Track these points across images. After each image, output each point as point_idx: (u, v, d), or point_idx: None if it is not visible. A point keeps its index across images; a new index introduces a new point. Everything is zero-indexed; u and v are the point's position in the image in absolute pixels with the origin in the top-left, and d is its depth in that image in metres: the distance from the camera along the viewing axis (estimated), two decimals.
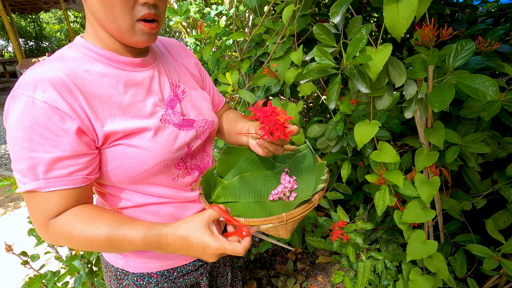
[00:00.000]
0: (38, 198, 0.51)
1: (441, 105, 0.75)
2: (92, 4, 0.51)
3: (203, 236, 0.51)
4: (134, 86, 0.59)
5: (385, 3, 0.66)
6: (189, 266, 0.75)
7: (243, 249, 0.52)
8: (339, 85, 0.82)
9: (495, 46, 0.96)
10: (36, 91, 0.47)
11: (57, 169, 0.50)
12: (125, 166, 0.57)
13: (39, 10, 8.11)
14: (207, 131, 0.72)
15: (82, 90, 0.51)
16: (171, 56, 0.73)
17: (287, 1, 1.21)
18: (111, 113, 0.54)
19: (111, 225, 0.52)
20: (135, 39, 0.54)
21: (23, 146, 0.48)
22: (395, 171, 0.96)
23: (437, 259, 1.05)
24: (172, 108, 0.64)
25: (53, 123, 0.48)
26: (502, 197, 1.25)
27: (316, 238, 1.47)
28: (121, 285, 0.71)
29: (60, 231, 0.52)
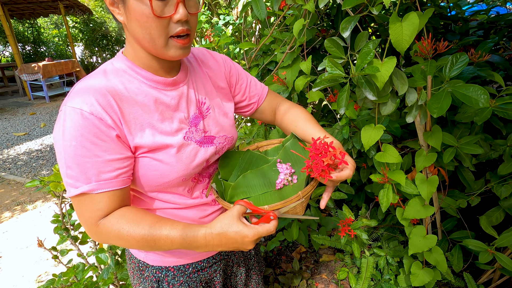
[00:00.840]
0: (90, 200, 0.56)
1: (439, 111, 0.85)
2: (132, 27, 0.56)
3: (238, 228, 0.56)
4: (164, 105, 0.64)
5: (391, 22, 0.75)
6: (203, 263, 0.79)
7: (274, 227, 0.58)
8: (348, 92, 0.91)
9: (486, 57, 1.06)
10: (84, 105, 0.53)
11: (107, 172, 0.56)
12: (147, 176, 0.63)
13: (38, 15, 8.14)
14: (226, 147, 0.76)
15: (119, 106, 0.57)
16: (201, 69, 0.75)
17: (296, 14, 1.30)
18: (141, 129, 0.60)
19: (155, 225, 0.57)
20: (170, 54, 0.58)
21: (76, 153, 0.53)
22: (397, 171, 1.05)
23: (436, 252, 1.14)
24: (195, 125, 0.68)
25: (100, 131, 0.54)
26: (494, 195, 1.35)
27: (321, 236, 1.55)
28: (142, 276, 0.77)
29: (109, 230, 0.57)
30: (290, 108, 0.84)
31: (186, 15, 0.54)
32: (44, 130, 4.74)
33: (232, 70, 0.81)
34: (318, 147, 0.60)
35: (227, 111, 0.78)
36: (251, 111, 0.87)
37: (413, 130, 1.53)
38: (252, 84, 0.85)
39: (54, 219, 1.09)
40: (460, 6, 1.72)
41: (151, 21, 0.53)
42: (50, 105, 6.32)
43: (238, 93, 0.83)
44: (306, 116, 0.81)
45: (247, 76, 0.85)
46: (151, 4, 0.52)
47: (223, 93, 0.79)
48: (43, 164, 3.56)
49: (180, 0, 0.54)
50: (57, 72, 6.60)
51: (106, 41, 8.21)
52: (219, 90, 0.78)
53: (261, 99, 0.86)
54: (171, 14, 0.54)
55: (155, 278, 0.76)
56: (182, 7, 0.54)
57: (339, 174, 0.61)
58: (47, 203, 2.76)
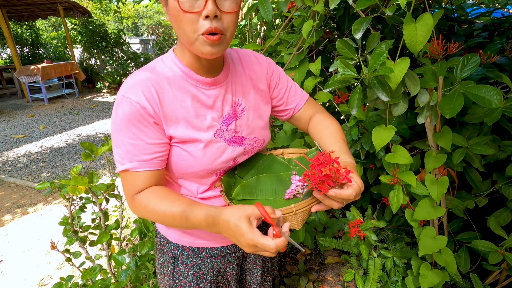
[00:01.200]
0: (131, 177, 0.64)
1: (451, 112, 0.85)
2: (172, 25, 0.61)
3: (241, 224, 0.54)
4: (200, 102, 0.68)
5: (405, 23, 0.76)
6: (216, 251, 0.83)
7: (275, 247, 0.52)
8: (360, 93, 0.91)
9: (494, 59, 1.07)
10: (132, 95, 0.61)
11: (146, 154, 0.63)
12: (176, 163, 0.69)
13: (36, 17, 8.11)
14: (256, 148, 0.79)
15: (160, 99, 0.63)
16: (244, 70, 0.77)
17: (303, 16, 1.31)
18: (176, 121, 0.65)
19: (175, 203, 0.62)
20: (201, 50, 0.59)
21: (124, 135, 0.62)
22: (407, 172, 1.05)
23: (446, 253, 1.14)
24: (227, 125, 0.71)
25: (143, 118, 0.61)
26: (501, 197, 1.35)
27: (327, 238, 1.54)
28: (162, 251, 0.85)
29: (140, 203, 0.64)
30: (322, 120, 0.82)
31: (214, 12, 0.55)
32: (43, 132, 4.71)
33: (274, 73, 0.82)
34: (320, 157, 0.58)
35: (263, 114, 0.80)
36: (287, 117, 0.87)
37: (419, 131, 1.54)
38: (292, 90, 0.85)
39: (62, 221, 1.08)
40: (464, 8, 1.74)
41: (182, 16, 0.56)
42: (49, 107, 6.28)
43: (276, 97, 0.83)
44: (335, 130, 0.78)
45: (288, 82, 0.85)
46: (178, 0, 0.55)
47: (262, 95, 0.80)
48: (43, 166, 3.53)
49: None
50: (56, 74, 6.57)
51: (105, 43, 8.19)
52: (258, 92, 0.79)
53: (298, 106, 0.85)
54: (200, 10, 0.55)
55: (172, 254, 0.83)
56: (212, 4, 0.54)
57: (339, 192, 0.56)
58: (48, 205, 2.74)
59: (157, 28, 8.02)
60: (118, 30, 8.64)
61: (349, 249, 1.60)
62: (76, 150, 4.00)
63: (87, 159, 0.94)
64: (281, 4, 1.38)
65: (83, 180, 0.88)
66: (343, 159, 0.67)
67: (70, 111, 5.94)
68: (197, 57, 0.65)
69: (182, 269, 0.82)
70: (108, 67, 8.24)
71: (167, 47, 7.67)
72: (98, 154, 0.95)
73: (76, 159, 3.74)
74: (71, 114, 5.74)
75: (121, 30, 8.86)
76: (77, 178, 0.85)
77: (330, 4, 0.96)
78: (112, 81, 7.82)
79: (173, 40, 7.61)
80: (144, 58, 8.06)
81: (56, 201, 2.80)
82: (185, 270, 0.82)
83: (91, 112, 5.89)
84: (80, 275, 0.96)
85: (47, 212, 2.63)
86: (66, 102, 6.71)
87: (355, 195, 0.57)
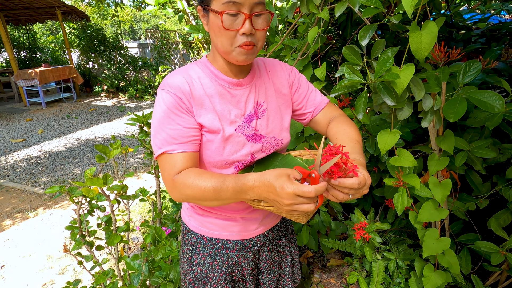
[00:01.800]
0: (169, 159, 0.70)
1: (455, 116, 0.87)
2: (211, 35, 0.72)
3: (281, 178, 0.54)
4: (226, 99, 0.77)
5: (411, 31, 0.78)
6: (232, 243, 0.88)
7: (315, 190, 0.52)
8: (366, 98, 0.94)
9: (494, 64, 1.10)
10: (171, 88, 0.71)
11: (184, 137, 0.70)
12: (202, 151, 0.76)
13: (34, 21, 8.09)
14: (274, 147, 0.84)
15: (192, 93, 0.73)
16: (268, 76, 0.85)
17: (307, 22, 1.34)
18: (205, 112, 0.74)
19: (213, 176, 0.66)
20: (236, 59, 0.70)
21: (165, 122, 0.70)
22: (411, 175, 1.07)
23: (449, 255, 1.16)
24: (248, 122, 0.79)
25: (180, 107, 0.71)
26: (501, 198, 1.38)
27: (331, 240, 1.56)
28: (184, 238, 0.94)
29: (180, 181, 0.68)
30: (340, 122, 0.84)
31: (250, 30, 0.66)
32: (41, 137, 4.69)
33: (296, 79, 0.89)
34: (332, 148, 0.59)
35: (283, 116, 0.86)
36: (307, 120, 0.92)
37: (420, 135, 1.57)
38: (312, 95, 0.90)
39: (70, 225, 1.08)
40: (461, 15, 1.78)
41: (222, 32, 0.66)
42: (47, 111, 6.26)
43: (296, 100, 0.89)
44: (351, 132, 0.80)
45: (309, 87, 0.91)
46: (221, 19, 0.65)
47: (284, 99, 0.87)
48: (43, 170, 3.51)
49: (247, 17, 0.65)
50: (54, 78, 6.56)
51: (103, 47, 8.19)
52: (280, 96, 0.86)
53: (317, 110, 0.89)
54: (238, 28, 0.66)
55: (192, 242, 0.90)
56: (248, 23, 0.65)
57: (343, 180, 0.56)
58: (49, 210, 2.72)
59: (155, 32, 8.04)
60: (116, 34, 8.65)
61: (352, 251, 1.61)
62: (75, 154, 3.98)
63: (101, 161, 0.95)
64: (284, 11, 1.41)
65: (99, 181, 0.89)
66: (354, 158, 0.69)
67: (68, 115, 5.92)
68: (228, 62, 0.75)
69: (199, 257, 0.88)
70: (106, 71, 8.23)
71: (165, 51, 7.69)
72: (110, 156, 0.96)
73: (76, 163, 3.72)
74: (69, 118, 5.72)
75: (119, 34, 8.87)
76: (92, 179, 0.86)
77: (335, 11, 0.99)
78: (110, 85, 7.81)
79: (171, 44, 7.63)
80: (142, 62, 8.06)
81: (57, 206, 2.78)
82: (201, 259, 0.88)
83: (90, 116, 5.87)
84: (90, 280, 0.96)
85: (48, 216, 2.62)
86: (64, 106, 6.68)
87: (359, 184, 0.56)
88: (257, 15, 0.67)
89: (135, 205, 2.79)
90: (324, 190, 0.53)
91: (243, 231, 0.88)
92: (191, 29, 1.63)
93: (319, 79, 1.25)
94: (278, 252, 0.99)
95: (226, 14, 0.64)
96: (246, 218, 0.87)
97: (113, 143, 1.05)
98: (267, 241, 0.94)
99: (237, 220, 0.87)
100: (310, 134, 1.41)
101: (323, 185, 0.53)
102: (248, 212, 0.87)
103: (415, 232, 1.66)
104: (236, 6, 0.64)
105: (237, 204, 0.85)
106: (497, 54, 1.19)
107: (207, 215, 0.87)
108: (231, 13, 0.65)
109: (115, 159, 1.29)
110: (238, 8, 0.64)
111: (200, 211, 0.88)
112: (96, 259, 1.16)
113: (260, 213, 0.89)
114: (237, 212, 0.86)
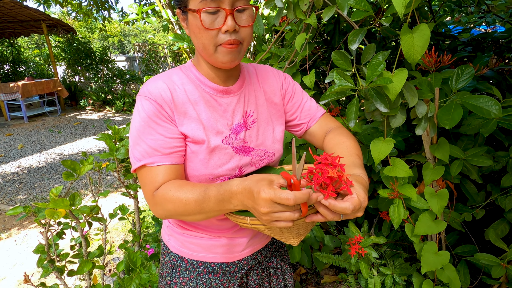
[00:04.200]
0: (149, 172, 0.64)
1: (451, 123, 0.83)
2: (192, 39, 0.66)
3: (260, 183, 0.48)
4: (212, 108, 0.70)
5: (402, 34, 0.75)
6: (215, 266, 0.79)
7: (294, 197, 0.44)
8: (357, 105, 0.89)
9: (484, 71, 1.08)
10: (151, 95, 0.65)
11: (166, 148, 0.64)
12: (186, 163, 0.69)
13: (18, 35, 7.94)
14: (265, 161, 0.77)
15: (174, 101, 0.67)
16: (259, 84, 0.79)
17: (294, 30, 1.30)
18: (188, 121, 0.68)
19: (195, 187, 0.60)
20: (220, 60, 0.64)
21: (144, 132, 0.64)
22: (407, 185, 1.02)
23: (449, 269, 1.10)
24: (236, 133, 0.72)
25: (162, 115, 0.65)
26: (497, 208, 1.35)
27: (325, 254, 1.48)
28: (163, 259, 0.85)
29: (160, 195, 0.62)
30: (337, 135, 0.76)
31: (233, 27, 0.60)
32: (21, 152, 4.48)
33: (290, 87, 0.83)
34: (328, 157, 0.51)
35: (275, 127, 0.79)
36: (301, 132, 0.85)
37: (412, 144, 1.53)
38: (306, 104, 0.83)
39: (36, 249, 0.97)
40: (446, 25, 1.80)
41: (203, 32, 0.61)
42: (29, 125, 6.04)
43: (289, 111, 0.83)
44: (350, 145, 0.72)
45: (303, 96, 0.84)
46: (200, 18, 0.59)
47: (276, 109, 0.80)
48: (20, 188, 3.32)
49: (228, 13, 0.59)
50: (37, 91, 6.37)
51: (90, 60, 8.06)
52: (272, 105, 0.80)
53: (312, 120, 0.82)
54: (220, 26, 0.60)
55: (171, 264, 0.82)
56: (231, 20, 0.60)
57: (334, 203, 0.47)
58: (24, 230, 2.54)
59: (144, 46, 8.00)
60: (103, 47, 8.56)
61: (347, 266, 1.53)
62: (56, 170, 3.81)
63: (68, 179, 0.85)
64: (272, 19, 1.38)
65: (64, 202, 0.79)
66: (354, 173, 0.62)
67: (51, 129, 5.72)
68: (213, 67, 0.69)
69: (179, 282, 0.80)
70: (93, 84, 8.08)
71: (154, 64, 7.64)
72: (81, 173, 0.87)
73: (56, 179, 3.55)
74: (52, 133, 5.52)
75: (107, 47, 8.79)
76: (56, 201, 0.76)
77: (323, 16, 0.95)
78: (97, 99, 7.65)
79: (159, 58, 7.59)
80: (130, 75, 7.97)
81: (33, 225, 2.61)
82: (181, 284, 0.80)
83: (74, 130, 5.69)
84: None
85: (22, 237, 2.44)
86: (47, 120, 6.48)
87: (353, 210, 0.48)
88: (239, 11, 0.61)
89: (117, 222, 2.64)
90: (307, 198, 0.46)
91: (228, 253, 0.79)
92: (176, 38, 1.58)
93: (308, 87, 1.20)
94: (269, 276, 0.90)
95: (204, 12, 0.59)
96: (232, 237, 0.79)
97: (85, 160, 0.95)
98: (255, 263, 0.85)
99: (221, 240, 0.78)
100: (300, 144, 1.36)
101: (305, 192, 0.45)
102: (234, 231, 0.79)
103: (410, 245, 1.60)
104: (215, 3, 0.59)
105: (221, 222, 0.77)
106: (486, 61, 1.18)
107: (189, 234, 0.79)
108: (211, 11, 0.59)
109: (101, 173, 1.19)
110: (217, 4, 0.59)
111: (181, 230, 0.79)
112: (67, 286, 1.04)
113: (247, 233, 0.81)
114: (221, 231, 0.78)
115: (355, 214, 0.51)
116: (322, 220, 0.51)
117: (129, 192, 1.19)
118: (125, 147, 1.01)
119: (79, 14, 5.01)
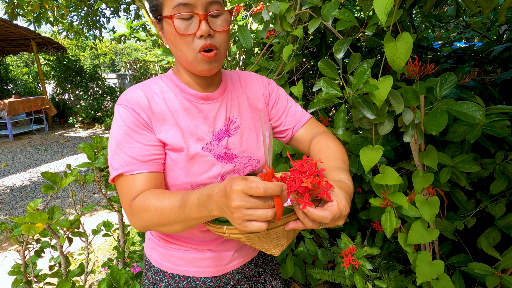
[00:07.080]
0: (127, 181, 0.62)
1: (437, 129, 0.84)
2: (170, 47, 0.66)
3: (236, 178, 0.45)
4: (192, 114, 0.70)
5: (385, 41, 0.76)
6: (199, 281, 0.76)
7: (264, 186, 0.42)
8: (345, 113, 0.89)
9: (466, 80, 1.12)
10: (129, 103, 0.65)
11: (144, 155, 0.63)
12: (166, 172, 0.67)
13: (7, 53, 7.90)
14: (249, 168, 0.75)
15: (152, 108, 0.66)
16: (242, 90, 0.78)
17: (282, 42, 1.33)
18: (167, 128, 0.67)
19: (172, 195, 0.57)
20: (199, 68, 0.64)
21: (122, 140, 0.63)
22: (398, 193, 1.01)
23: (444, 279, 1.08)
24: (218, 140, 0.71)
25: (139, 123, 0.64)
26: (487, 216, 1.35)
27: (318, 270, 1.44)
28: (145, 275, 0.82)
29: (137, 205, 0.59)
30: (323, 140, 0.75)
31: (208, 31, 0.60)
32: (4, 171, 4.34)
33: (274, 93, 0.82)
34: (304, 164, 0.48)
35: (259, 133, 0.78)
36: (287, 138, 0.83)
37: (401, 153, 1.55)
38: (291, 110, 0.82)
39: (12, 270, 0.91)
40: (428, 38, 1.87)
41: (178, 39, 0.61)
42: (14, 144, 5.88)
43: (274, 116, 0.82)
44: (335, 150, 0.71)
45: (288, 102, 0.83)
46: (173, 24, 0.60)
47: (260, 115, 0.80)
48: (1, 208, 3.18)
49: (202, 18, 0.59)
50: (24, 109, 6.26)
51: (79, 78, 8.04)
52: (256, 111, 0.79)
53: (297, 126, 0.81)
54: (194, 31, 0.60)
55: (153, 279, 0.79)
56: (205, 24, 0.60)
57: (312, 210, 0.45)
58: (3, 253, 2.41)
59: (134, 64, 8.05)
60: (94, 65, 8.57)
61: (342, 281, 1.49)
62: (40, 189, 3.67)
63: (48, 192, 0.81)
64: (260, 33, 1.40)
65: (42, 216, 0.74)
66: (339, 178, 0.60)
67: (37, 147, 5.58)
68: (193, 74, 0.69)
69: None
70: (83, 102, 8.01)
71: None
72: (62, 186, 0.83)
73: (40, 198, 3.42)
74: (38, 151, 5.39)
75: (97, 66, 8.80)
76: (34, 214, 0.72)
77: (309, 27, 0.97)
78: (86, 116, 7.56)
79: (150, 75, 7.63)
80: (120, 92, 7.95)
81: (13, 247, 2.48)
82: None
83: (61, 148, 5.57)
84: None
85: (1, 260, 2.31)
86: (34, 138, 6.33)
87: (332, 219, 0.46)
88: (213, 15, 0.62)
89: (103, 241, 2.53)
90: (279, 190, 0.42)
91: (213, 266, 0.75)
92: (164, 52, 1.59)
93: (296, 97, 1.21)
94: None
95: (178, 18, 0.59)
96: (216, 250, 0.75)
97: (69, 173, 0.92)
98: (242, 278, 0.81)
99: (205, 253, 0.75)
100: (292, 154, 1.35)
101: (278, 184, 0.42)
102: (218, 244, 0.75)
103: (404, 257, 1.57)
104: (188, 8, 0.59)
105: (204, 234, 0.74)
106: (467, 71, 1.22)
107: (171, 247, 0.75)
108: (184, 17, 0.59)
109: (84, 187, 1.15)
110: (190, 9, 0.59)
111: (163, 243, 0.76)
112: None
113: (232, 245, 0.77)
114: (205, 244, 0.74)
115: (335, 222, 0.49)
116: (302, 228, 0.49)
117: (111, 204, 1.14)
118: (104, 156, 0.97)
119: (70, 33, 5.03)
